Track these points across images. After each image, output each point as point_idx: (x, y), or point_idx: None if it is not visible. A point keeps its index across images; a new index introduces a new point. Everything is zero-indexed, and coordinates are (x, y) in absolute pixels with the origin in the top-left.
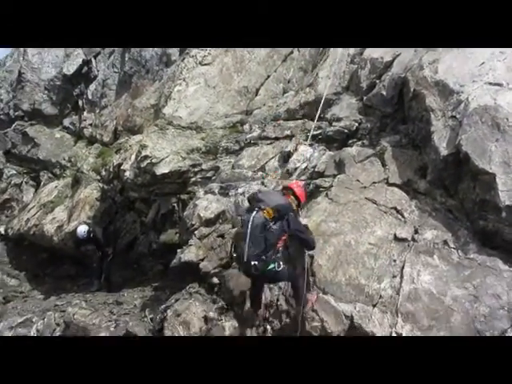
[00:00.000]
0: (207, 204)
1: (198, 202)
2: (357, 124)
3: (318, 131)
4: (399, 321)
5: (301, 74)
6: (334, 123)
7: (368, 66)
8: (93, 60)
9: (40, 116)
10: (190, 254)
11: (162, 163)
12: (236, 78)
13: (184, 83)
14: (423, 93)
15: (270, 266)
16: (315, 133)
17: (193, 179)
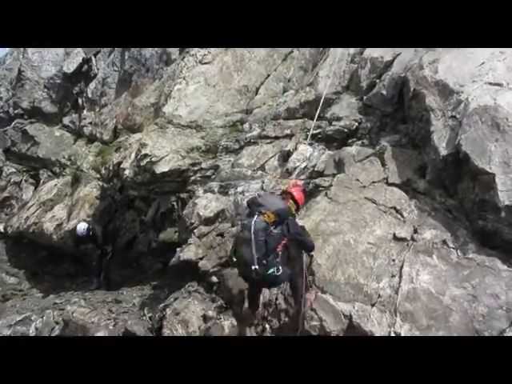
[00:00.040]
0: (207, 203)
1: (198, 201)
2: (357, 123)
3: (318, 130)
4: (398, 320)
5: (301, 73)
6: (334, 122)
7: (368, 66)
8: (93, 58)
9: (40, 114)
10: (190, 253)
11: (162, 162)
12: (236, 77)
13: (184, 82)
14: (423, 92)
15: (270, 271)
16: (315, 132)
17: (192, 178)
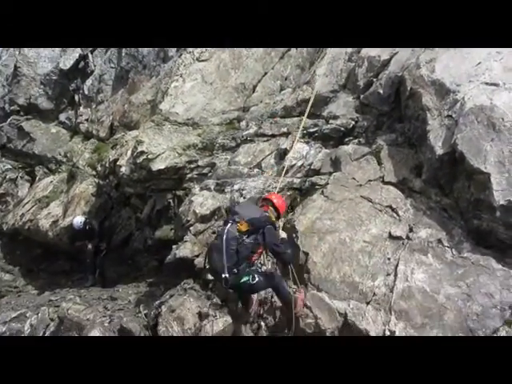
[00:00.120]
0: (203, 200)
1: (194, 199)
2: (353, 122)
3: (315, 129)
4: (392, 318)
5: (298, 72)
6: (331, 121)
7: (365, 65)
8: (89, 55)
9: (36, 111)
10: (185, 250)
11: (158, 159)
12: (233, 75)
13: (181, 79)
14: (420, 92)
15: (244, 279)
16: (312, 130)
17: (189, 175)
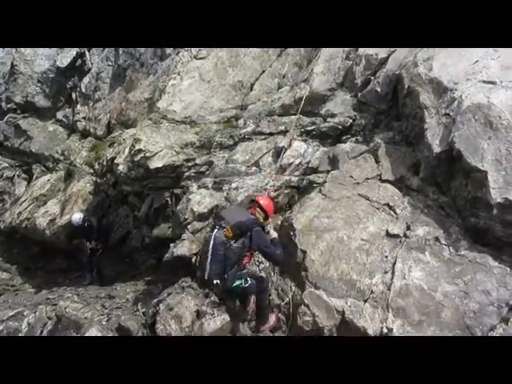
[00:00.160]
0: (200, 198)
1: (192, 197)
2: (351, 120)
3: (312, 127)
4: (390, 316)
5: (296, 70)
6: (329, 119)
7: (363, 63)
8: (87, 53)
9: (33, 109)
10: (183, 249)
11: (156, 157)
12: (231, 73)
13: (178, 77)
14: (417, 90)
15: (237, 283)
16: (309, 128)
17: (186, 174)
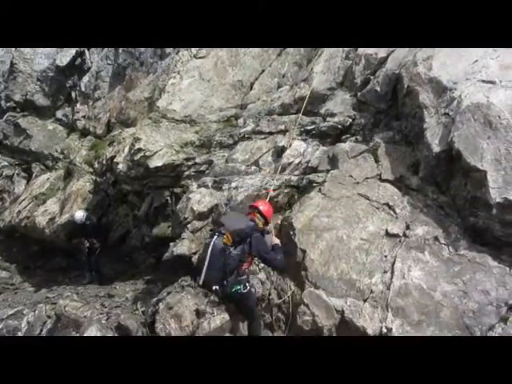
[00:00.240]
0: (200, 198)
1: (191, 196)
2: (350, 120)
3: (312, 126)
4: (389, 315)
5: (295, 69)
6: (328, 118)
7: (362, 62)
8: (86, 52)
9: (32, 107)
10: (183, 248)
11: (156, 156)
12: (231, 72)
13: (178, 76)
14: (417, 89)
15: (236, 288)
16: (309, 128)
17: (186, 173)
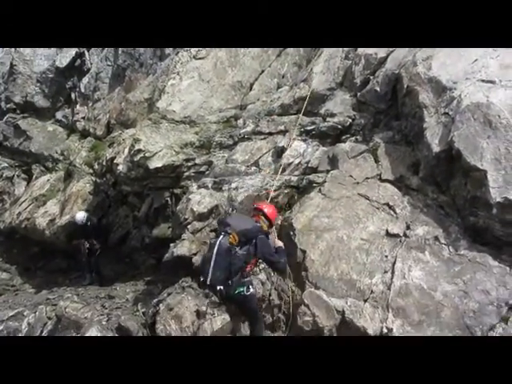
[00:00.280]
0: (200, 198)
1: (192, 197)
2: (350, 120)
3: (312, 127)
4: (390, 316)
5: (295, 69)
6: (328, 119)
7: (362, 62)
8: (86, 53)
9: (32, 109)
10: (183, 249)
11: (156, 157)
12: (230, 73)
13: (178, 77)
14: (416, 89)
15: (239, 290)
16: (309, 128)
17: (186, 174)
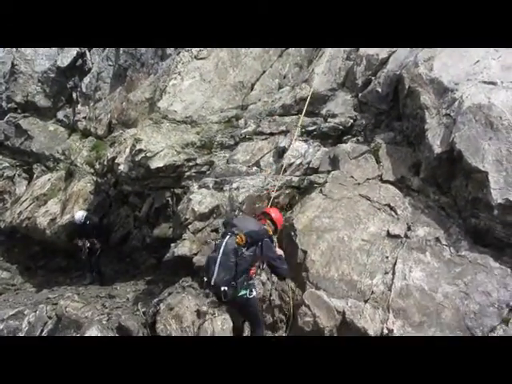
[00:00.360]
0: (201, 198)
1: (192, 197)
2: (352, 120)
3: (313, 127)
4: (390, 317)
5: (296, 70)
6: (329, 119)
7: (364, 63)
8: (87, 53)
9: (33, 108)
10: (184, 248)
11: (157, 157)
12: (232, 73)
13: (179, 77)
14: (418, 90)
15: (242, 293)
16: (310, 128)
17: (187, 173)
